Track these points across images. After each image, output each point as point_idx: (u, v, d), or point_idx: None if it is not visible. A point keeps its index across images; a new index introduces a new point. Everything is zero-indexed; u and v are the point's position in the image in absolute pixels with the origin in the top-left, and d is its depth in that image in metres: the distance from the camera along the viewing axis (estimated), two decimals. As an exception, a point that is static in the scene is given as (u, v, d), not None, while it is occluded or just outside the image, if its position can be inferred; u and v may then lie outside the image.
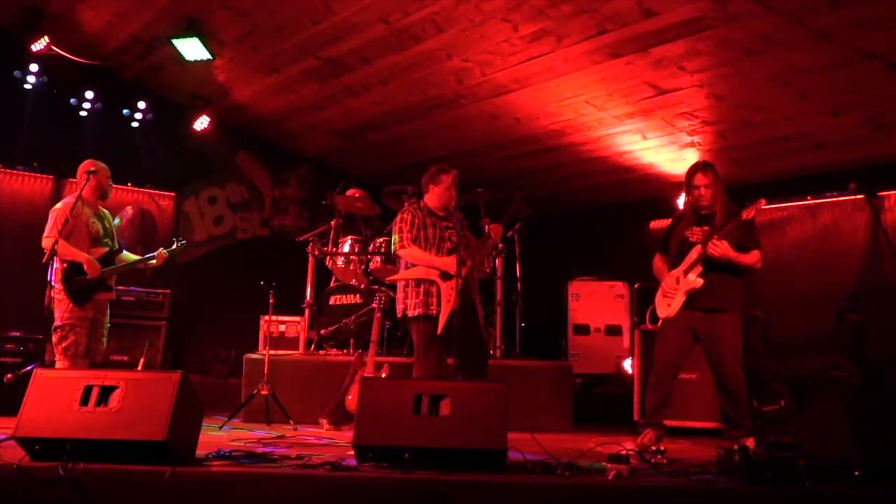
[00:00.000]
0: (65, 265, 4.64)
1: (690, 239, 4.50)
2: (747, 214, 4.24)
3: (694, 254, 4.42)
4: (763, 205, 4.25)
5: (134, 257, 5.13)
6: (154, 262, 5.06)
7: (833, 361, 6.27)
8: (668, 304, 4.49)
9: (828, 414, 3.43)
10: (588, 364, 7.34)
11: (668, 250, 4.65)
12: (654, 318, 4.78)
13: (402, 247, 4.69)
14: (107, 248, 4.88)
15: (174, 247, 5.21)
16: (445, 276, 4.60)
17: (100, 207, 4.98)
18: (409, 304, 4.70)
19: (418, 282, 4.67)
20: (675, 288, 4.46)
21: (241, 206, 8.67)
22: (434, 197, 4.82)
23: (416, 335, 4.70)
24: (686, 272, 4.42)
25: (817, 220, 7.02)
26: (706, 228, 4.46)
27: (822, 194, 6.97)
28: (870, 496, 3.07)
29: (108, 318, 4.94)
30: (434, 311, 4.59)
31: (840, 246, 6.76)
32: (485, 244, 4.91)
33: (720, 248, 4.26)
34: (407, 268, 4.79)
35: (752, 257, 4.39)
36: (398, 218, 4.83)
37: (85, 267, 4.65)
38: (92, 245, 4.79)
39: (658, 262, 4.70)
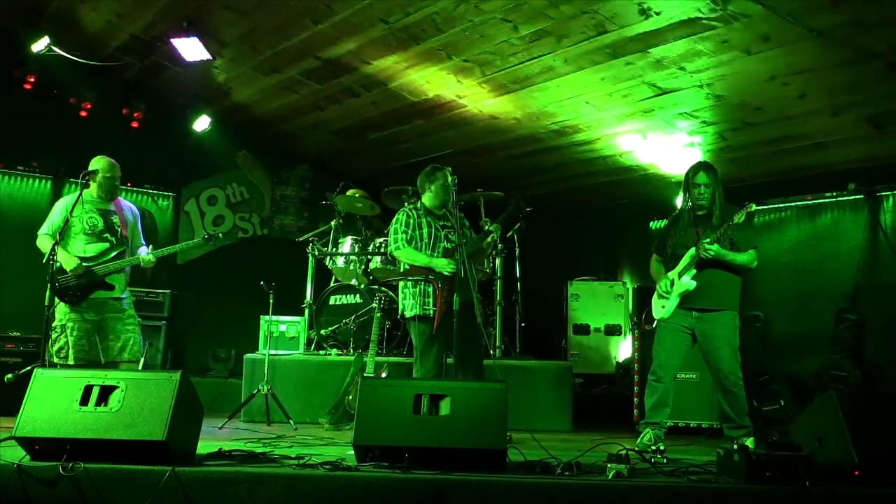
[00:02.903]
0: (52, 266, 4.57)
1: (685, 241, 4.50)
2: (738, 218, 4.25)
3: (687, 256, 4.43)
4: (751, 208, 4.27)
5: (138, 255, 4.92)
6: (140, 263, 4.79)
7: (833, 361, 6.28)
8: (662, 306, 4.50)
9: (828, 414, 3.42)
10: (588, 364, 7.35)
11: (664, 251, 4.66)
12: (650, 319, 4.80)
13: (397, 248, 4.72)
14: (107, 244, 4.73)
15: (204, 237, 5.08)
16: (441, 276, 4.61)
17: (109, 202, 4.84)
18: (407, 305, 4.73)
19: (416, 282, 4.69)
20: (670, 290, 4.47)
21: (241, 206, 8.67)
22: (431, 196, 4.84)
23: (415, 335, 4.72)
24: (680, 274, 4.43)
25: (817, 220, 7.02)
26: (699, 231, 4.47)
27: (822, 194, 6.97)
28: (870, 496, 3.07)
29: (125, 314, 4.74)
30: (431, 311, 4.60)
31: (840, 246, 6.76)
32: (483, 243, 4.92)
33: (711, 251, 4.29)
34: (404, 268, 4.81)
35: (746, 256, 4.42)
36: (393, 219, 4.85)
37: (63, 265, 4.53)
38: (88, 241, 4.67)
39: (654, 263, 4.72)
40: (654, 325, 4.73)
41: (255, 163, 8.72)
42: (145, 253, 4.82)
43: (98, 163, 4.81)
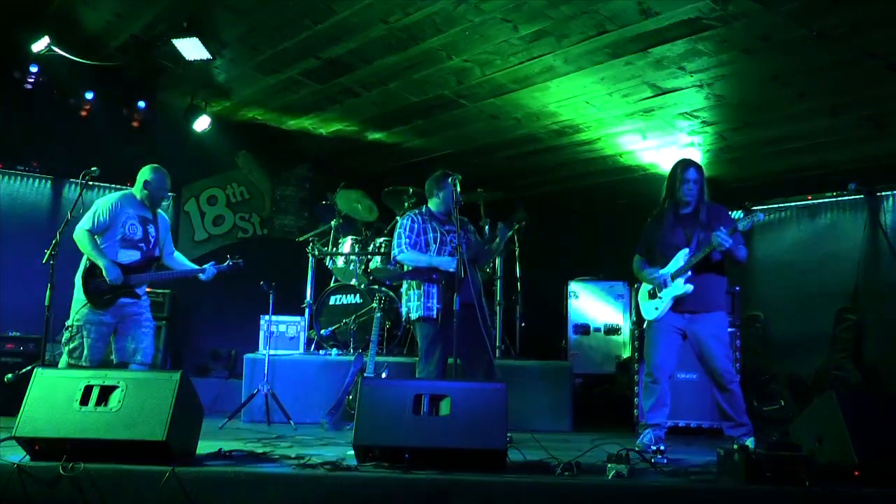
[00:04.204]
0: (87, 263, 4.58)
1: (673, 241, 4.48)
2: (744, 227, 4.24)
3: (681, 259, 4.41)
4: (755, 216, 4.27)
5: (186, 266, 4.97)
6: (202, 275, 4.89)
7: (833, 361, 6.29)
8: (655, 308, 4.48)
9: (828, 414, 3.42)
10: (588, 364, 7.35)
11: (648, 250, 4.64)
12: (640, 320, 4.78)
13: (401, 252, 4.75)
14: (139, 253, 4.71)
15: (225, 265, 5.01)
16: (445, 274, 4.61)
17: (152, 211, 4.86)
18: (412, 307, 4.74)
19: (419, 283, 4.69)
20: (662, 291, 4.44)
21: (241, 206, 8.68)
22: (438, 202, 4.84)
23: (420, 337, 4.72)
24: (674, 276, 4.41)
25: (817, 220, 7.03)
26: (686, 231, 4.45)
27: (822, 194, 6.98)
28: (870, 496, 3.07)
29: (144, 316, 4.74)
30: (435, 313, 4.60)
31: (840, 246, 6.76)
32: (488, 247, 4.91)
33: (727, 241, 4.22)
34: (408, 270, 4.81)
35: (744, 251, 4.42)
36: (397, 224, 4.85)
37: (103, 271, 4.53)
38: (124, 247, 4.66)
39: (638, 262, 4.68)
40: (643, 326, 4.72)
41: (255, 163, 8.71)
42: (210, 265, 4.92)
43: (156, 173, 4.83)
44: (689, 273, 4.37)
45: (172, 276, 4.97)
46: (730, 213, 4.46)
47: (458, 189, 4.72)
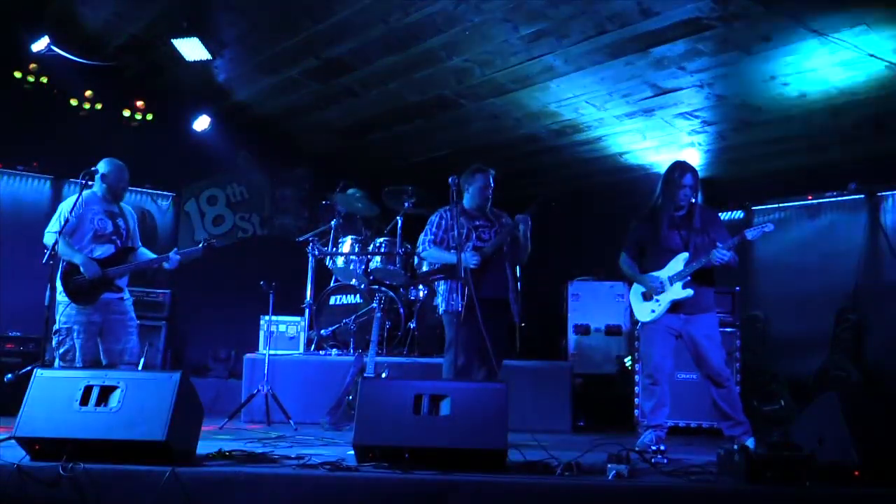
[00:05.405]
0: (65, 264, 4.61)
1: (669, 244, 4.47)
2: (753, 236, 4.25)
3: (680, 263, 4.40)
4: (770, 232, 4.29)
5: (150, 255, 4.98)
6: (167, 264, 4.89)
7: (833, 361, 6.28)
8: (652, 310, 4.47)
9: (828, 414, 3.42)
10: (588, 364, 7.33)
11: (640, 251, 4.63)
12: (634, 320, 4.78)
13: (423, 250, 4.85)
14: (114, 246, 4.75)
15: (189, 249, 5.00)
16: (466, 270, 4.59)
17: (116, 204, 4.88)
18: (439, 300, 4.86)
19: (447, 279, 4.78)
20: (660, 293, 4.43)
21: (241, 206, 8.67)
22: (468, 197, 4.87)
23: (446, 329, 4.81)
24: (672, 280, 4.40)
25: (817, 220, 7.02)
26: (682, 234, 4.45)
27: (822, 194, 6.98)
28: (870, 496, 3.07)
29: (128, 316, 4.76)
30: (460, 307, 4.62)
31: (840, 246, 6.76)
32: (509, 234, 4.87)
33: (726, 256, 4.28)
34: (435, 266, 4.90)
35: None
36: (428, 220, 4.91)
37: (81, 268, 4.55)
38: (96, 242, 4.68)
39: (626, 262, 4.68)
40: (638, 327, 4.71)
41: (255, 163, 8.71)
42: (173, 252, 4.89)
43: (111, 165, 4.81)
44: (688, 277, 4.37)
45: (141, 267, 4.96)
46: (721, 216, 4.47)
47: (490, 183, 4.75)
